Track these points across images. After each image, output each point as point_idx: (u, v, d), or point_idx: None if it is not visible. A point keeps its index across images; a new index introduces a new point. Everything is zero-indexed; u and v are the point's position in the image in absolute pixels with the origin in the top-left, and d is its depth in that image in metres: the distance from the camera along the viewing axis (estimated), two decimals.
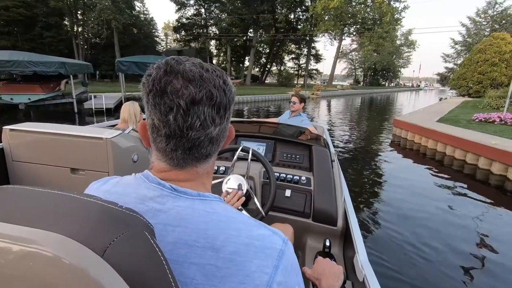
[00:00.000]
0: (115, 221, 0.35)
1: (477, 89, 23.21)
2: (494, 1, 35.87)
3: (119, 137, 1.51)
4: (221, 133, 0.49)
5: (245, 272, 0.41)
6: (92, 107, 11.50)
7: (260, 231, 0.46)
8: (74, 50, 28.21)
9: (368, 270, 1.06)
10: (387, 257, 2.67)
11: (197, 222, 0.44)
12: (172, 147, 0.47)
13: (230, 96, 0.49)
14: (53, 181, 1.58)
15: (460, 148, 5.80)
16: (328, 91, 31.49)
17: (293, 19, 39.07)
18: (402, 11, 33.17)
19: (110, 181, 0.54)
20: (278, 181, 1.73)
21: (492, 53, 22.66)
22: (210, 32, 38.96)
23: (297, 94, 3.52)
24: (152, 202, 0.46)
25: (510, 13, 34.86)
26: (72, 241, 0.30)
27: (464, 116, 9.14)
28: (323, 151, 1.89)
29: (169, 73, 0.44)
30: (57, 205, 0.36)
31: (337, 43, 38.95)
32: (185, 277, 0.41)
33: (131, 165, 1.59)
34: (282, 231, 0.49)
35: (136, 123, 2.48)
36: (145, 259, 0.34)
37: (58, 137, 1.51)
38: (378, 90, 46.05)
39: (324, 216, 1.56)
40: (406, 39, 56.75)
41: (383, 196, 4.24)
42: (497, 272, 2.57)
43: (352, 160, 6.29)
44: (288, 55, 47.41)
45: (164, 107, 0.44)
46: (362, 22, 34.03)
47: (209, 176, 0.55)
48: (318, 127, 3.56)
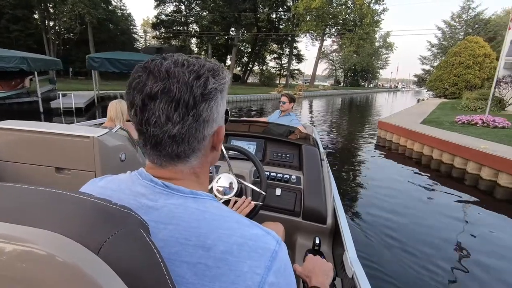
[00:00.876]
0: (110, 218, 0.34)
1: (452, 91, 23.91)
2: (468, 6, 37.40)
3: (106, 136, 1.47)
4: (187, 133, 0.46)
5: (237, 273, 0.40)
6: (60, 106, 10.60)
7: (253, 231, 0.45)
8: (45, 45, 26.51)
9: (357, 266, 1.08)
10: (375, 253, 2.75)
11: (189, 220, 0.44)
12: (143, 142, 0.48)
13: (199, 93, 0.45)
14: (37, 181, 1.53)
15: (448, 152, 5.64)
16: (310, 91, 31.54)
17: (275, 19, 38.93)
18: (381, 13, 33.85)
19: (106, 178, 0.54)
20: (268, 180, 1.71)
21: (467, 56, 23.42)
22: (190, 29, 38.03)
23: (287, 94, 3.51)
24: (144, 199, 0.47)
25: (482, 18, 36.44)
26: (66, 239, 0.30)
27: (446, 117, 9.14)
28: (313, 150, 1.92)
29: (143, 69, 0.45)
30: (49, 203, 0.35)
31: (318, 44, 39.17)
32: (176, 276, 0.40)
33: (119, 164, 1.56)
34: (274, 230, 0.49)
35: (123, 122, 2.44)
36: (141, 257, 0.33)
37: (42, 136, 1.45)
38: (359, 90, 46.80)
39: (313, 214, 1.59)
40: (385, 41, 58.18)
41: (370, 197, 4.22)
42: (483, 273, 2.58)
43: (336, 162, 6.04)
44: (270, 54, 47.23)
45: (129, 102, 0.46)
46: (343, 23, 34.39)
47: (202, 176, 0.54)
48: (308, 126, 3.59)
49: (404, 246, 2.89)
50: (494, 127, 7.28)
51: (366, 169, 5.75)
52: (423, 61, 44.39)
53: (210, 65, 0.48)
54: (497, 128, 7.23)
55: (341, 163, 6.06)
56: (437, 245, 2.96)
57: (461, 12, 38.46)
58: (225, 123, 0.57)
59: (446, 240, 3.09)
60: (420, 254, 2.77)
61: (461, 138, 5.96)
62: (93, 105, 13.05)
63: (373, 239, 3.03)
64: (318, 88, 38.71)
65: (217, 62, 0.52)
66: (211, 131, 0.50)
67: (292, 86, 33.13)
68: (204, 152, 0.52)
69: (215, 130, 0.51)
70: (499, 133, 6.71)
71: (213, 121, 0.49)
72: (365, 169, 5.75)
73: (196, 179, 0.53)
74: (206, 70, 0.46)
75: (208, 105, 0.46)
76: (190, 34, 37.88)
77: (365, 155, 6.80)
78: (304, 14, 31.63)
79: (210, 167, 0.60)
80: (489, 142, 5.70)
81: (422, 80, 44.86)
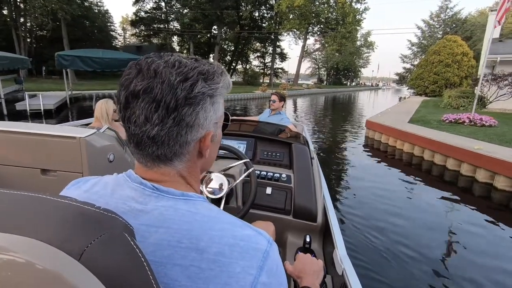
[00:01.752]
0: (92, 223, 0.34)
1: (433, 89, 24.36)
2: (446, 6, 38.44)
3: (93, 136, 1.44)
4: (166, 136, 0.45)
5: (229, 274, 0.40)
6: (27, 108, 9.75)
7: (245, 232, 0.45)
8: (15, 42, 24.94)
9: (347, 263, 1.10)
10: (365, 250, 2.80)
11: (180, 222, 0.43)
12: (127, 139, 0.48)
13: (182, 96, 0.43)
14: (22, 183, 1.48)
15: (440, 152, 5.44)
16: (294, 90, 31.35)
17: (257, 17, 38.53)
18: (363, 12, 34.12)
19: (90, 181, 0.52)
20: (259, 179, 1.71)
21: (446, 54, 23.90)
22: (171, 27, 36.99)
23: (277, 93, 3.50)
24: (133, 202, 0.45)
25: (459, 18, 37.55)
26: (46, 245, 0.29)
27: (432, 116, 9.05)
28: (303, 148, 1.93)
29: (135, 66, 0.45)
30: (28, 208, 0.34)
31: (302, 42, 39.11)
32: (169, 279, 0.40)
33: (107, 165, 1.52)
34: (264, 230, 0.49)
35: (109, 122, 2.43)
36: (125, 261, 0.33)
37: (27, 137, 1.42)
38: (342, 89, 47.20)
39: (304, 212, 1.59)
40: (366, 40, 59.00)
41: (359, 198, 4.12)
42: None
43: (323, 163, 5.72)
44: (253, 53, 46.86)
45: (116, 99, 0.47)
46: (326, 21, 34.45)
47: (191, 179, 0.53)
48: (298, 125, 3.57)
49: (394, 244, 2.93)
50: (482, 125, 7.20)
51: (354, 170, 5.52)
52: (404, 60, 45.34)
53: (205, 68, 0.47)
54: (484, 127, 7.15)
55: (327, 164, 5.76)
56: (425, 243, 3.01)
57: (440, 11, 39.56)
58: (223, 129, 0.55)
59: (435, 238, 3.14)
60: (409, 251, 2.82)
61: (452, 138, 5.79)
62: (65, 106, 12.21)
63: (363, 236, 3.05)
64: (302, 87, 38.62)
65: (217, 65, 0.50)
66: (196, 136, 0.48)
67: (276, 85, 32.85)
68: (190, 158, 0.50)
69: (202, 136, 0.49)
70: (487, 131, 6.61)
71: (199, 126, 0.47)
72: (353, 170, 5.51)
73: (185, 182, 0.51)
74: (197, 73, 0.45)
75: (193, 110, 0.45)
76: (171, 32, 36.85)
77: (352, 156, 6.54)
78: (287, 12, 31.46)
79: (201, 173, 0.57)
80: (480, 142, 5.54)
81: (403, 78, 45.83)
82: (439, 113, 9.97)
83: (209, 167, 0.59)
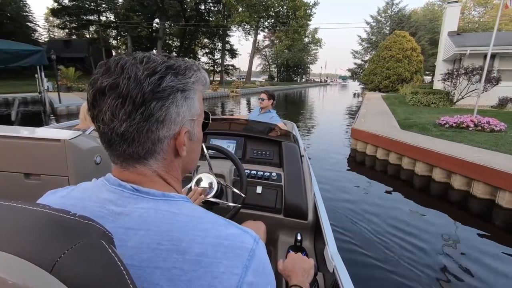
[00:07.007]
0: (66, 231, 0.32)
1: (386, 84, 24.30)
2: (391, 2, 39.70)
3: (79, 138, 1.36)
4: (136, 132, 0.43)
5: (213, 274, 0.39)
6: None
7: (229, 231, 0.43)
8: None
9: (338, 260, 1.10)
10: (356, 246, 2.69)
11: (160, 224, 0.41)
12: (100, 138, 0.47)
13: (149, 89, 0.42)
14: (5, 188, 1.37)
15: (482, 181, 3.75)
16: (247, 88, 29.33)
17: (204, 10, 35.65)
18: (313, 7, 33.43)
19: (69, 187, 0.51)
20: (249, 178, 1.72)
21: (397, 49, 23.94)
22: (105, 17, 32.27)
23: (266, 91, 3.44)
24: (112, 205, 0.44)
25: (404, 14, 39.07)
26: (15, 258, 0.28)
27: (420, 119, 7.62)
28: (293, 146, 1.92)
29: (104, 64, 0.44)
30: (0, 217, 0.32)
31: (252, 38, 37.25)
32: (149, 283, 0.38)
33: (94, 167, 1.41)
34: (255, 229, 0.48)
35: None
36: (102, 270, 0.31)
37: (8, 140, 1.33)
38: (294, 86, 46.52)
39: (294, 210, 1.60)
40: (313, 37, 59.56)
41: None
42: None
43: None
44: (201, 49, 43.83)
45: (87, 98, 0.45)
46: (277, 16, 33.04)
47: (171, 180, 0.50)
48: (288, 123, 3.62)
49: (386, 244, 2.74)
50: (491, 130, 5.84)
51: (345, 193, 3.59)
52: (355, 55, 46.10)
53: (176, 63, 0.46)
54: (494, 132, 5.80)
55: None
56: (418, 243, 2.77)
57: (386, 7, 40.78)
58: (203, 128, 0.55)
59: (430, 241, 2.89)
60: (400, 249, 2.65)
61: (480, 154, 4.17)
62: None
63: (357, 235, 2.87)
64: (255, 84, 36.87)
65: (192, 62, 0.49)
66: (169, 133, 0.46)
67: (228, 83, 30.53)
68: (166, 156, 0.48)
69: (176, 133, 0.47)
70: (504, 139, 5.20)
71: (171, 122, 0.45)
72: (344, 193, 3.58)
73: (165, 183, 0.49)
74: (166, 67, 0.44)
75: (162, 104, 0.43)
76: (104, 24, 32.11)
77: (339, 174, 4.63)
78: (235, 5, 29.28)
79: (184, 173, 0.55)
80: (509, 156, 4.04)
81: (355, 74, 46.70)
82: (422, 114, 8.68)
83: (193, 167, 0.57)
